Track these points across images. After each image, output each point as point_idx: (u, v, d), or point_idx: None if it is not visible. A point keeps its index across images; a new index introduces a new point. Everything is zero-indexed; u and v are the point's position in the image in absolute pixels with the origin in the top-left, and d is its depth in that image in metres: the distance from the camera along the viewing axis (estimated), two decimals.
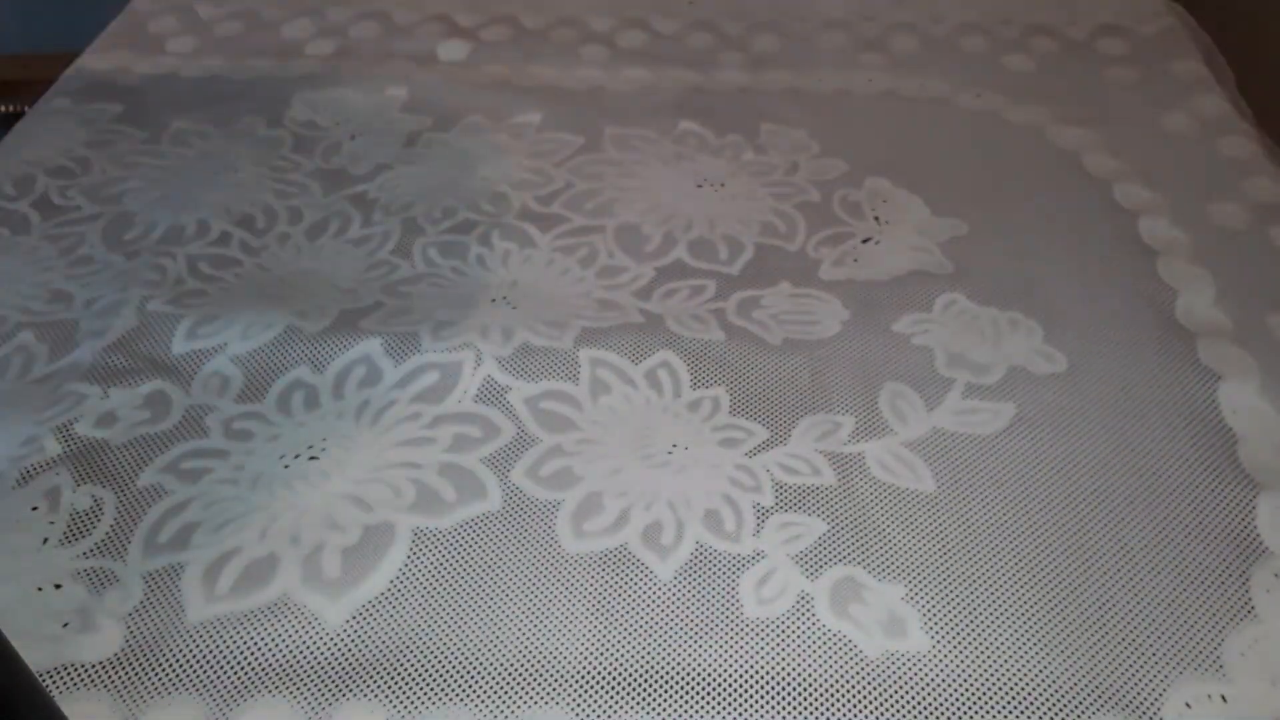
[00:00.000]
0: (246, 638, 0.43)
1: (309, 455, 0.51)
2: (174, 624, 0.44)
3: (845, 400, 0.53)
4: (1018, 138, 0.71)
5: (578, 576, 0.45)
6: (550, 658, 0.43)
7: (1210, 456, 0.50)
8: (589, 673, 0.42)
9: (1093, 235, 0.63)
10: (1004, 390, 0.53)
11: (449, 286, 0.61)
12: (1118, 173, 0.68)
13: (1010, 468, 0.49)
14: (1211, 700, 0.41)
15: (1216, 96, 0.74)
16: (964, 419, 0.52)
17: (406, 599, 0.45)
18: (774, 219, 0.65)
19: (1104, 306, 0.58)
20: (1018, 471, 0.49)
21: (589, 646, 0.43)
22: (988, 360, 0.55)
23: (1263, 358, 0.54)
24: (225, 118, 0.74)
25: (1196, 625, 0.43)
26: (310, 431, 0.52)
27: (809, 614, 0.44)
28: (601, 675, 0.42)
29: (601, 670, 0.42)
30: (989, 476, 0.49)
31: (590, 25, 0.85)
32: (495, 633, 0.44)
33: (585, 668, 0.42)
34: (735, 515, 0.48)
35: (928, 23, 0.84)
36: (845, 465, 0.50)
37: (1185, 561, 0.45)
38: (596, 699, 0.41)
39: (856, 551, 0.46)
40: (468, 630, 0.44)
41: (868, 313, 0.58)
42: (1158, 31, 0.82)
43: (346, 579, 0.45)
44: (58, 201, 0.67)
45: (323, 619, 0.44)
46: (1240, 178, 0.67)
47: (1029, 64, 0.79)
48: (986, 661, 0.42)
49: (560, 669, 0.42)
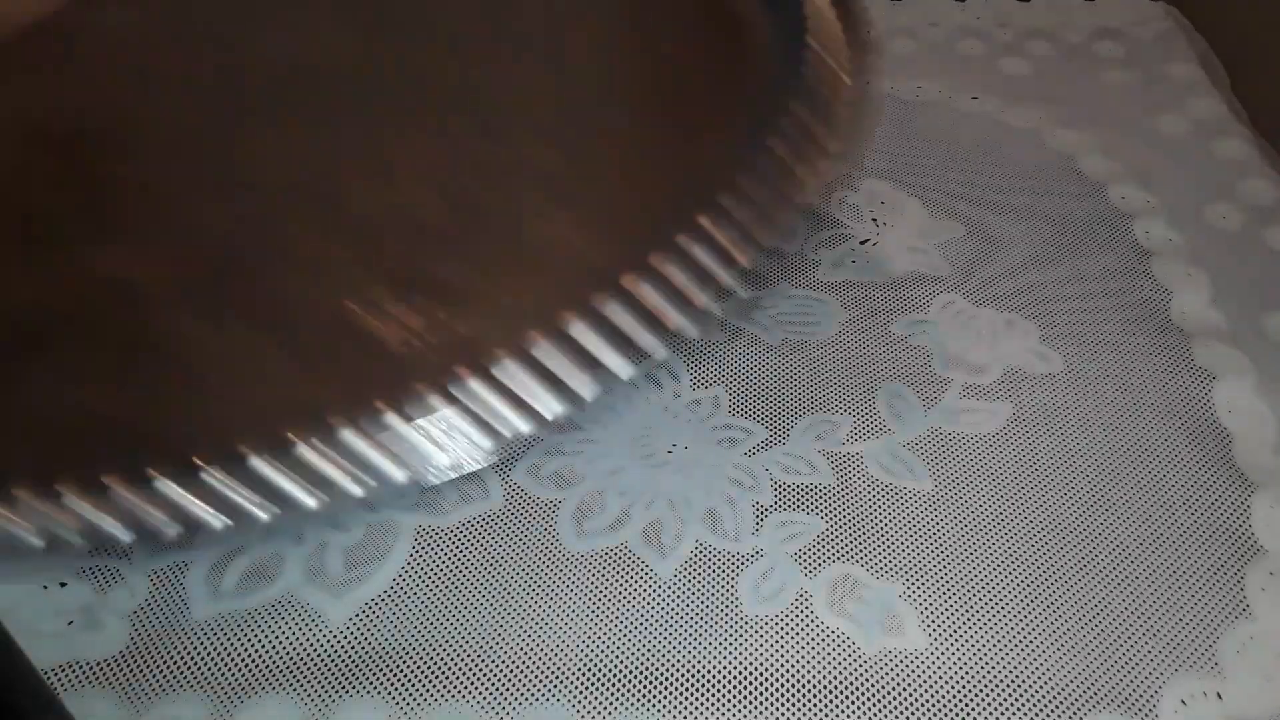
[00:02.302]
0: (251, 635, 0.44)
1: None
2: (178, 621, 0.44)
3: (843, 400, 0.53)
4: (1015, 140, 0.72)
5: (579, 574, 0.46)
6: (551, 654, 0.43)
7: (1205, 456, 0.50)
8: (590, 668, 0.43)
9: (1089, 236, 0.63)
10: (1001, 390, 0.54)
11: None
12: (1114, 175, 0.68)
13: (1007, 466, 0.50)
14: (1206, 698, 0.41)
15: (1212, 99, 0.75)
16: (961, 419, 0.52)
17: (409, 597, 0.45)
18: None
19: (1100, 307, 0.58)
20: (1014, 470, 0.50)
21: (590, 643, 0.44)
22: (984, 360, 0.55)
23: (1258, 358, 0.55)
24: None
25: (1192, 623, 0.44)
26: None
27: (807, 611, 0.44)
28: (602, 671, 0.43)
29: (602, 666, 0.43)
30: (986, 475, 0.50)
31: None
32: (497, 630, 0.44)
33: (586, 664, 0.43)
34: (735, 514, 0.48)
35: (925, 26, 0.84)
36: (843, 464, 0.50)
37: (1180, 560, 0.46)
38: (597, 694, 0.42)
39: (854, 549, 0.47)
40: (470, 627, 0.44)
41: (866, 314, 0.58)
42: (1154, 35, 0.82)
43: (350, 577, 0.46)
44: None
45: (326, 617, 0.44)
46: (1236, 180, 0.67)
47: (1026, 67, 0.79)
48: (983, 659, 0.43)
49: (561, 665, 0.43)
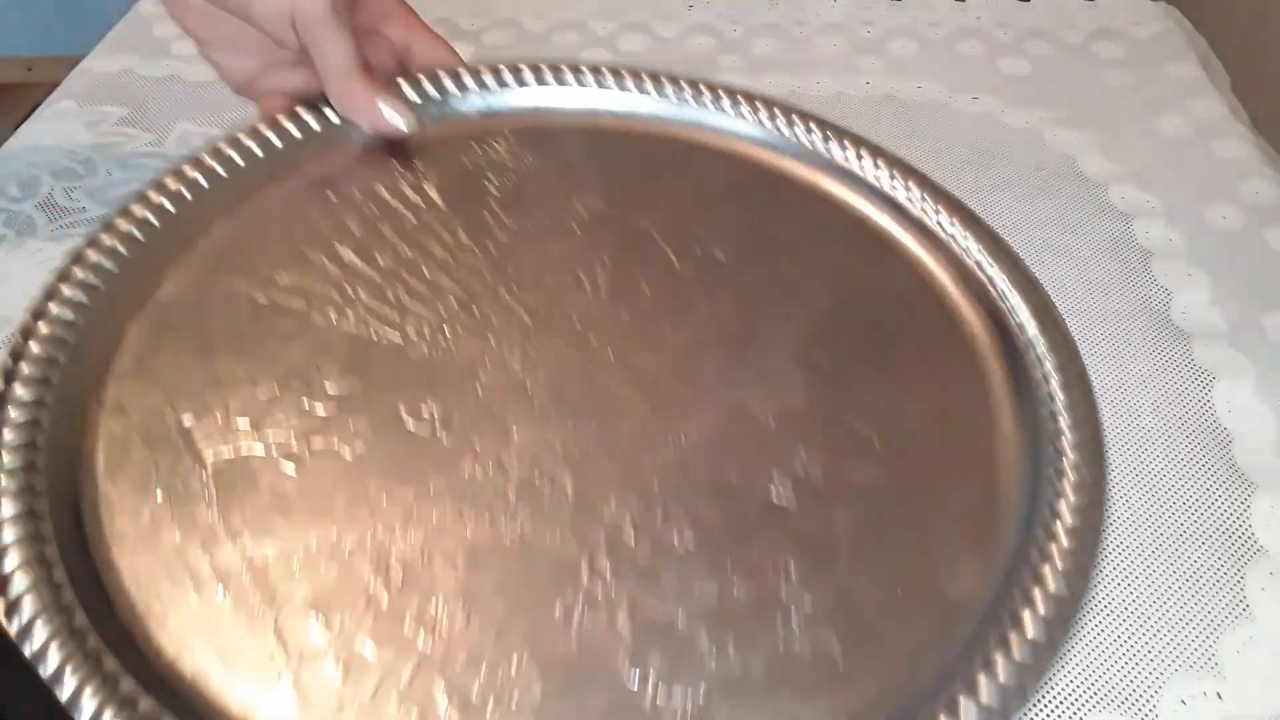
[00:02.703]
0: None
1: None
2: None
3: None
4: (1015, 141, 0.72)
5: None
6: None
7: (1205, 456, 0.50)
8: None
9: (1089, 237, 0.63)
10: None
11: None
12: (1114, 175, 0.68)
13: None
14: (1206, 698, 0.41)
15: (1212, 99, 0.75)
16: None
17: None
18: None
19: (1100, 307, 0.58)
20: None
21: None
22: None
23: (1258, 358, 0.55)
24: (229, 120, 0.74)
25: (1192, 623, 0.44)
26: None
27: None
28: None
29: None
30: None
31: (592, 29, 0.85)
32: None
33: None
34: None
35: (925, 26, 0.84)
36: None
37: (1180, 560, 0.46)
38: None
39: None
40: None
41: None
42: (1154, 35, 0.83)
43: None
44: (63, 203, 0.67)
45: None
46: (1236, 180, 0.67)
47: (1026, 67, 0.79)
48: None
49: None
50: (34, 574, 0.34)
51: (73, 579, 0.35)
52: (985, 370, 0.48)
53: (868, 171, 0.57)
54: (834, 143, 0.58)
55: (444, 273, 0.48)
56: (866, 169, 0.57)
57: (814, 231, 0.55)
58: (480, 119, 0.59)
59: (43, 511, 0.36)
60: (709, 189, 0.57)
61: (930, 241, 0.54)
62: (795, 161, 0.58)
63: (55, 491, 0.37)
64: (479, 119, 0.59)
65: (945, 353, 0.49)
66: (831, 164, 0.58)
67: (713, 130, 0.60)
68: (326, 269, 0.47)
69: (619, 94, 0.61)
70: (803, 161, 0.58)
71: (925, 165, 0.70)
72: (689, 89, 0.61)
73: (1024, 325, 0.48)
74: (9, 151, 0.72)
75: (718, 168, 0.59)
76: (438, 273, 0.47)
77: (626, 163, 0.59)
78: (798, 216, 0.55)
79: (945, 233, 0.54)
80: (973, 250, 0.53)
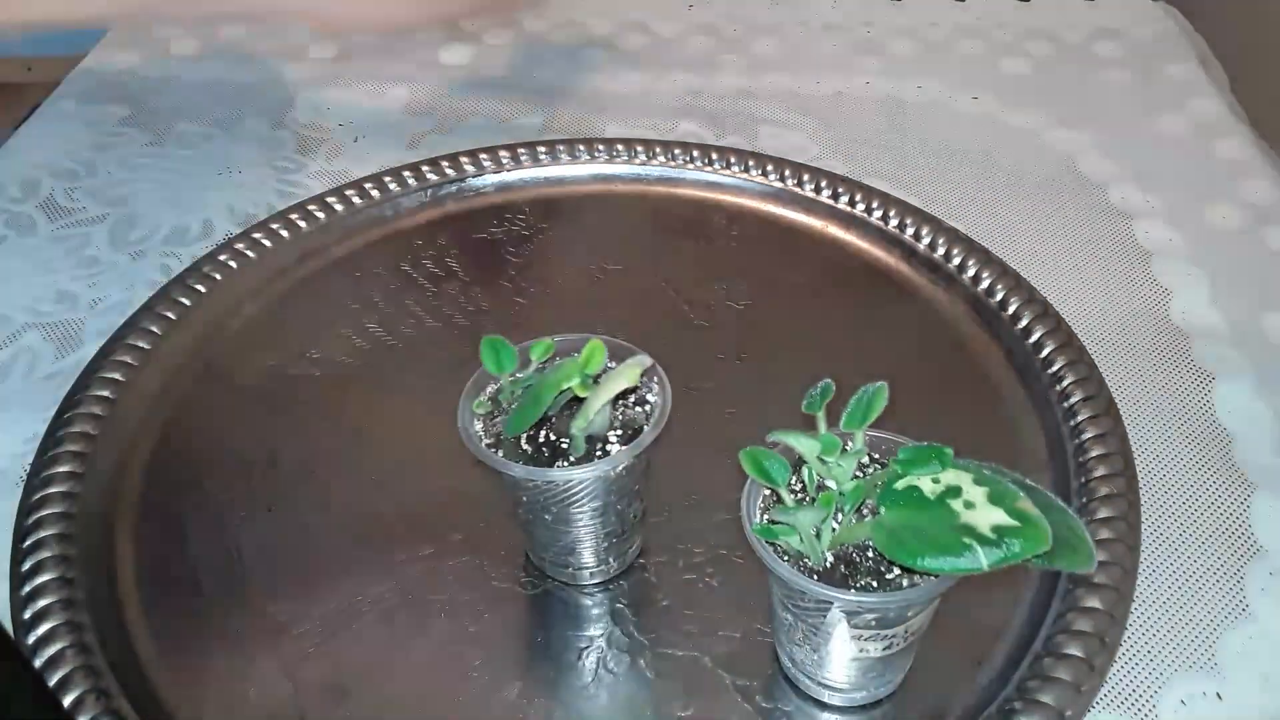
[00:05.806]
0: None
1: None
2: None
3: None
4: (1014, 140, 0.72)
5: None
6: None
7: (1205, 456, 0.50)
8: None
9: (1088, 237, 0.63)
10: None
11: None
12: (1113, 175, 0.68)
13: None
14: (1206, 698, 0.41)
15: (1212, 99, 0.75)
16: None
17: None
18: None
19: (1100, 307, 0.58)
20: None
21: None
22: None
23: (1257, 358, 0.55)
24: (229, 120, 0.74)
25: (1192, 623, 0.44)
26: None
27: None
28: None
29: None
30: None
31: (592, 28, 0.85)
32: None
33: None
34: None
35: (925, 26, 0.85)
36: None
37: (1180, 560, 0.46)
38: None
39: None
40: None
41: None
42: (1153, 35, 0.83)
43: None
44: (64, 203, 0.67)
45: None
46: (1235, 180, 0.67)
47: (1025, 67, 0.79)
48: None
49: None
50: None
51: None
52: (1006, 400, 0.52)
53: (874, 216, 0.61)
54: (844, 196, 0.62)
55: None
56: (874, 216, 0.61)
57: (825, 276, 0.58)
58: (497, 192, 0.65)
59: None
60: (720, 242, 0.61)
61: (944, 279, 0.57)
62: (803, 214, 0.63)
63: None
64: (495, 192, 0.65)
65: (964, 388, 0.52)
66: (838, 212, 0.62)
67: (721, 188, 0.64)
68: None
69: (630, 165, 0.65)
70: (813, 214, 0.63)
71: (925, 165, 0.70)
72: (699, 154, 0.65)
73: (1048, 359, 0.52)
74: (9, 151, 0.72)
75: (728, 222, 0.62)
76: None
77: (639, 223, 0.63)
78: (809, 263, 0.59)
79: (955, 269, 0.57)
80: (984, 284, 0.56)
